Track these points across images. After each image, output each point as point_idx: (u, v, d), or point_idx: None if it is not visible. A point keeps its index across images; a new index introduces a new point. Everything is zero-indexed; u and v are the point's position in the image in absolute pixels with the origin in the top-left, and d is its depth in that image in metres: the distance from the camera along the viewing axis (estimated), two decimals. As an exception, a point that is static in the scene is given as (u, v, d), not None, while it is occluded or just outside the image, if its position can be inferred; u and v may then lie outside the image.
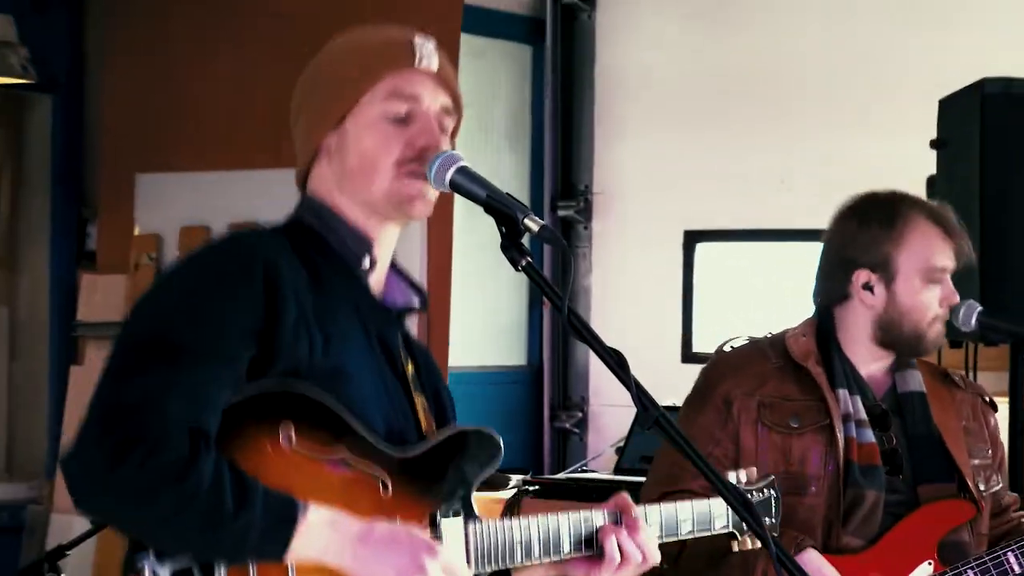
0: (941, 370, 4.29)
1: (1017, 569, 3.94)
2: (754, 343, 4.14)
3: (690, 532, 3.20)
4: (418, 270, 6.53)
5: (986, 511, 4.10)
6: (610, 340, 3.93)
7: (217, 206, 6.56)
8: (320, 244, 2.95)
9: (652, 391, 2.89)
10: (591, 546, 3.03)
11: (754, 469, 3.34)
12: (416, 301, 3.07)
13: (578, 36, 8.03)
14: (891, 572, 3.94)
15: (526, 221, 2.82)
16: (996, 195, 5.01)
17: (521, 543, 2.97)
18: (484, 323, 7.58)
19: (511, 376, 7.85)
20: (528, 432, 7.83)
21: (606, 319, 7.84)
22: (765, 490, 3.34)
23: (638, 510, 3.10)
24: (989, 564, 3.94)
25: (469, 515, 2.96)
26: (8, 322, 7.72)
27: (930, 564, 3.96)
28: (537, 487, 6.38)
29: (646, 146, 7.89)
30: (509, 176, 8.00)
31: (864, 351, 4.02)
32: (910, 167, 5.32)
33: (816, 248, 4.20)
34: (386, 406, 2.94)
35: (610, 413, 7.56)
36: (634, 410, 2.90)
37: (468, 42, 7.22)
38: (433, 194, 2.93)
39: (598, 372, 7.63)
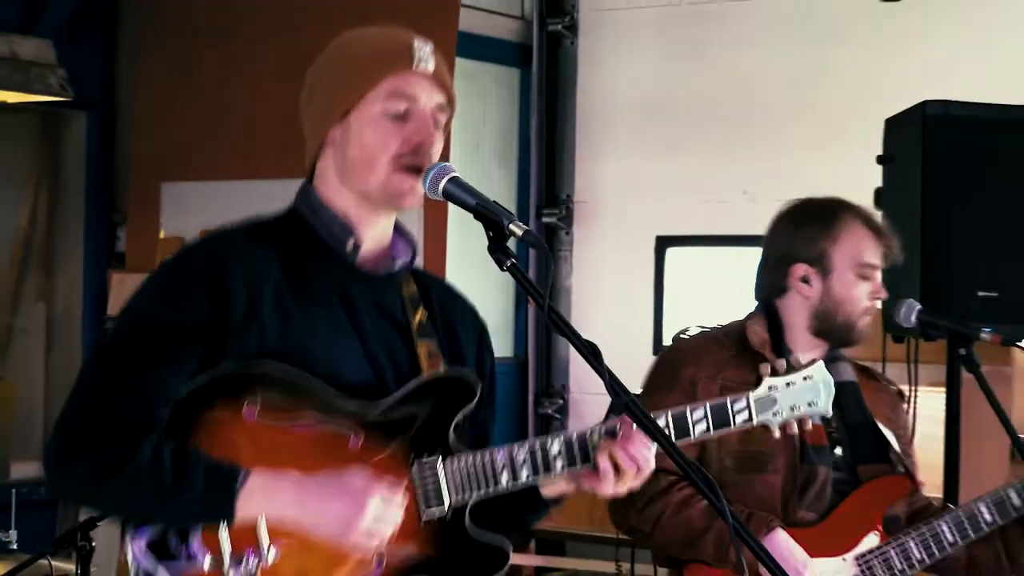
0: (862, 365, 4.27)
1: (950, 537, 3.94)
2: (709, 333, 4.14)
3: (705, 431, 3.04)
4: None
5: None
6: (588, 334, 3.94)
7: (233, 212, 6.37)
8: (305, 231, 2.97)
9: (625, 380, 2.88)
10: (584, 459, 2.95)
11: (783, 361, 3.23)
12: (408, 254, 3.06)
13: (562, 61, 8.04)
14: (843, 543, 3.94)
15: (511, 226, 2.82)
16: (936, 206, 4.99)
17: (507, 466, 2.90)
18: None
19: (499, 368, 7.70)
20: (515, 418, 7.83)
21: (585, 315, 7.84)
22: (806, 375, 3.15)
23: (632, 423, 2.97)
24: (927, 534, 3.94)
25: (447, 454, 2.91)
26: (45, 317, 7.72)
27: (876, 534, 3.95)
28: None
29: (622, 160, 7.89)
30: (499, 186, 8.00)
31: (802, 340, 4.01)
32: (858, 181, 5.24)
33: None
34: (366, 365, 2.93)
35: (589, 400, 7.62)
36: (609, 398, 2.88)
37: (462, 65, 7.20)
38: (421, 190, 2.93)
39: (578, 364, 7.56)
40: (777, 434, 3.13)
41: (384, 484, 2.81)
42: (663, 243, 7.69)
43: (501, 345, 7.87)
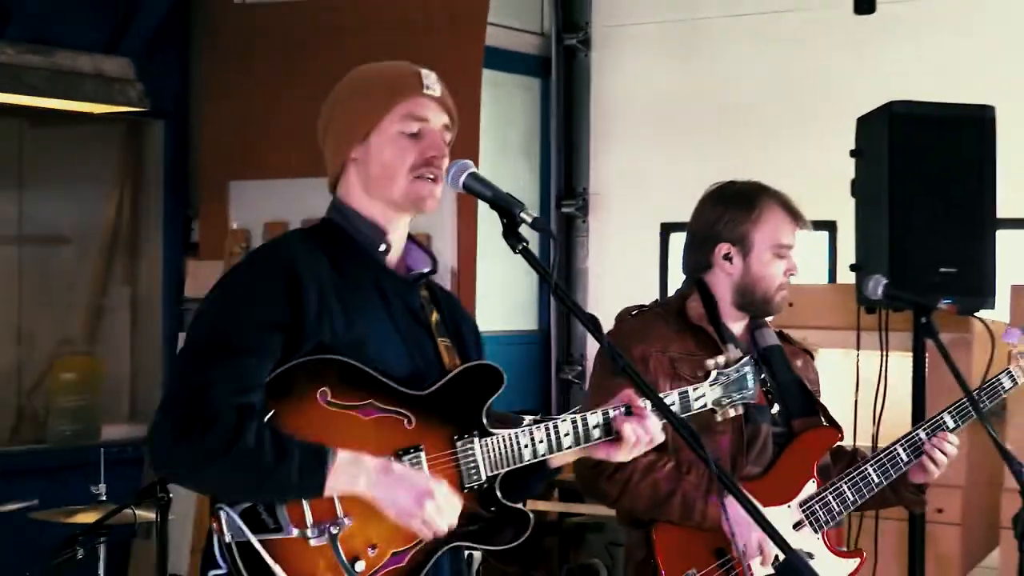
0: (779, 331, 4.16)
1: (876, 479, 3.92)
2: (651, 311, 3.99)
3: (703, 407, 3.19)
4: (449, 255, 6.55)
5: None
6: (603, 309, 3.95)
7: (293, 206, 6.53)
8: (344, 237, 3.00)
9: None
10: (590, 439, 3.02)
11: (732, 353, 3.27)
12: (431, 265, 3.10)
13: (577, 71, 8.03)
14: (787, 492, 3.87)
15: (522, 215, 2.87)
16: (901, 193, 5.01)
17: (527, 443, 2.96)
18: (503, 297, 7.51)
19: (525, 339, 7.82)
20: (538, 383, 7.85)
21: (600, 293, 7.89)
22: (741, 367, 3.25)
23: (643, 402, 3.04)
24: (857, 478, 3.90)
25: (483, 433, 2.95)
26: (130, 298, 7.72)
27: (813, 482, 3.89)
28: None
29: (631, 156, 7.86)
30: (524, 180, 7.99)
31: (727, 312, 3.92)
32: (835, 171, 5.29)
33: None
34: (406, 356, 2.96)
35: (603, 367, 7.60)
36: (619, 364, 2.94)
37: (490, 76, 7.20)
38: (439, 193, 2.98)
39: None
40: (720, 419, 3.22)
41: (448, 489, 2.85)
42: (667, 229, 7.65)
43: (527, 319, 7.89)
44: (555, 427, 3.00)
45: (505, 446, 2.95)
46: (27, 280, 7.79)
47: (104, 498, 5.33)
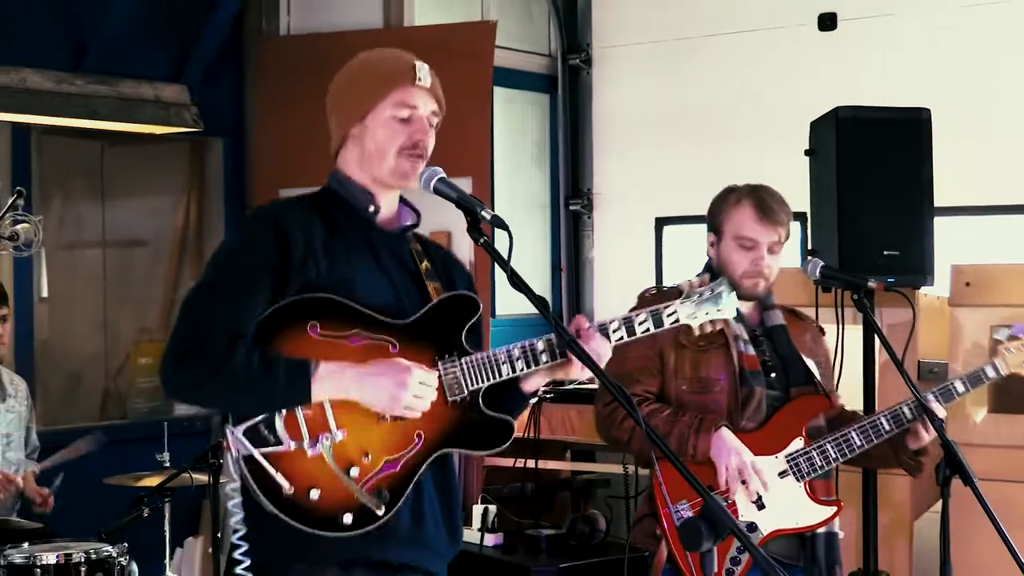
0: (791, 309, 4.24)
1: (858, 442, 3.96)
2: (663, 291, 4.03)
3: (647, 330, 3.08)
4: (468, 249, 6.54)
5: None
6: (606, 294, 3.96)
7: None
8: (339, 200, 3.04)
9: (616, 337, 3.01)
10: (562, 354, 2.97)
11: (706, 277, 3.23)
12: (415, 219, 3.12)
13: (580, 87, 8.02)
14: (776, 445, 3.93)
15: (482, 212, 2.88)
16: (848, 186, 4.98)
17: (506, 360, 2.96)
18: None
19: (537, 323, 7.74)
20: (552, 362, 7.82)
21: (603, 279, 7.89)
22: (716, 287, 3.18)
23: (589, 324, 3.03)
24: (841, 440, 3.95)
25: (463, 353, 2.95)
26: None
27: (800, 439, 3.95)
28: (553, 394, 6.27)
29: (628, 160, 7.86)
30: (536, 183, 8.02)
31: None
32: (805, 169, 5.29)
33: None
34: (392, 294, 2.97)
35: (607, 344, 7.59)
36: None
37: (504, 93, 7.26)
38: (420, 170, 3.00)
39: (600, 315, 7.49)
40: (697, 332, 3.15)
41: (422, 367, 2.86)
42: (661, 222, 7.66)
43: None
44: (531, 346, 2.99)
45: (484, 363, 2.95)
46: (110, 279, 7.78)
47: (167, 464, 5.40)
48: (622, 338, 3.05)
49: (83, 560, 5.00)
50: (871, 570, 4.91)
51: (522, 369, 2.97)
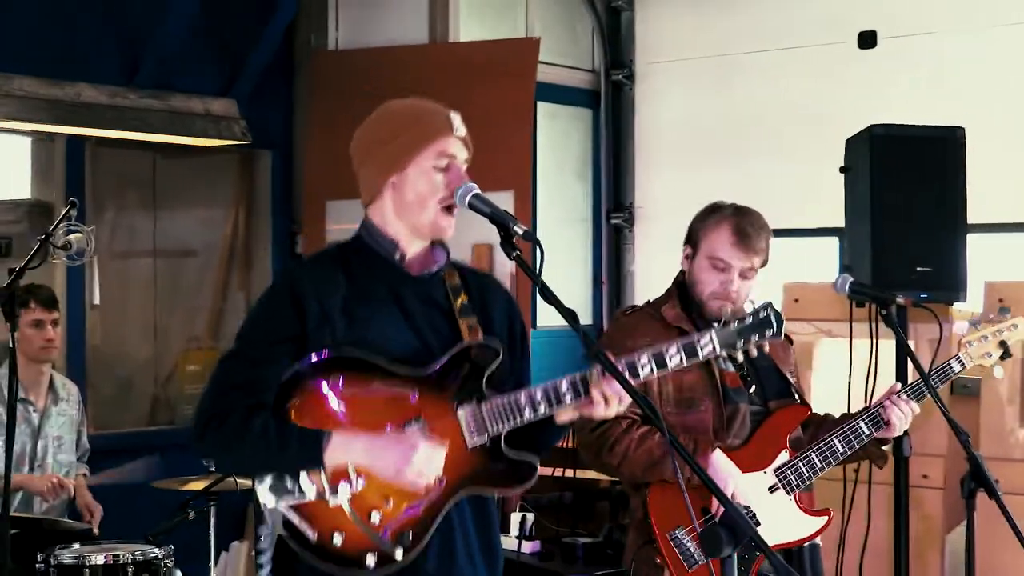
0: None
1: (840, 448, 3.94)
2: (642, 310, 4.05)
3: (679, 364, 3.07)
4: (510, 263, 6.59)
5: None
6: None
7: None
8: (367, 251, 3.08)
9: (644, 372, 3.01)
10: (587, 393, 2.96)
11: (698, 288, 3.22)
12: (444, 260, 3.13)
13: (623, 102, 8.09)
14: (762, 461, 3.90)
15: (515, 227, 2.91)
16: (882, 203, 5.02)
17: (528, 403, 2.97)
18: (562, 295, 7.48)
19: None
20: (592, 370, 7.85)
21: (644, 291, 7.75)
22: (761, 312, 3.15)
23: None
24: (824, 448, 3.93)
25: (482, 398, 2.99)
26: (246, 302, 7.82)
27: (786, 452, 3.92)
28: None
29: (671, 175, 7.91)
30: (579, 197, 8.07)
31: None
32: (837, 184, 5.32)
33: (784, 244, 4.19)
34: (412, 337, 3.01)
35: (646, 356, 7.61)
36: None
37: (547, 108, 7.32)
38: (453, 223, 3.06)
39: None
40: (740, 358, 3.12)
41: (431, 440, 2.91)
42: (702, 238, 7.69)
43: (582, 315, 7.76)
44: (555, 387, 2.99)
45: (505, 408, 2.98)
46: (161, 287, 7.92)
47: (213, 469, 5.39)
48: (651, 371, 3.06)
49: (130, 561, 5.10)
50: (902, 582, 4.95)
51: (545, 411, 3.00)
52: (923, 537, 5.25)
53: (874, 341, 5.03)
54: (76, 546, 5.16)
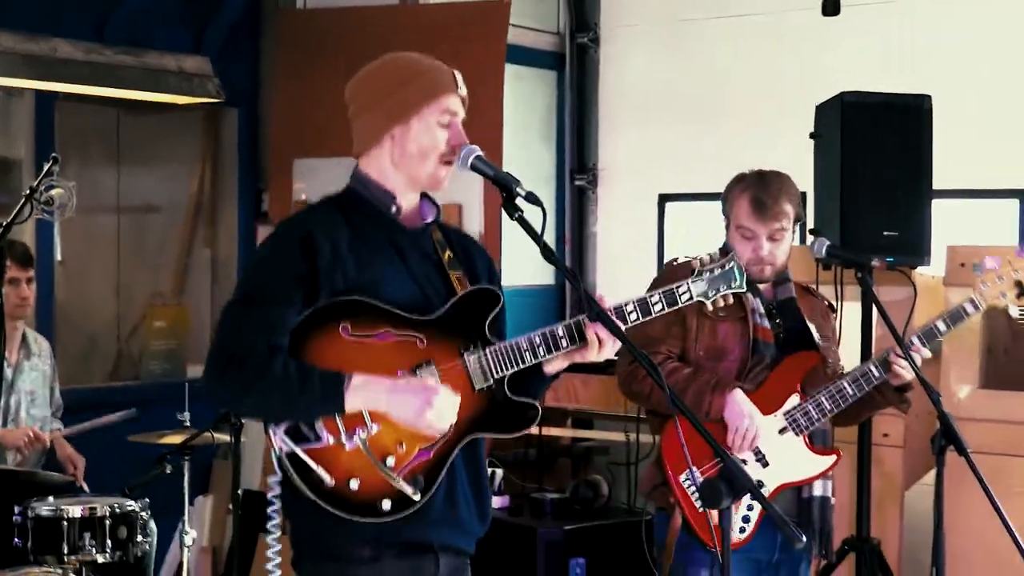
0: (804, 286, 4.39)
1: (851, 391, 4.10)
2: (690, 261, 4.14)
3: (661, 310, 3.15)
4: (478, 222, 6.66)
5: (828, 372, 4.23)
6: (609, 266, 4.05)
7: (347, 179, 6.57)
8: (362, 202, 3.13)
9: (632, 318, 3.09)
10: (581, 339, 3.06)
11: (716, 251, 3.28)
12: (435, 214, 3.19)
13: (588, 64, 8.10)
14: (774, 404, 4.09)
15: (517, 189, 2.98)
16: (851, 169, 5.11)
17: (528, 348, 3.05)
18: (527, 257, 7.48)
19: (545, 291, 7.93)
20: (554, 327, 7.91)
21: (607, 253, 8.01)
22: (726, 263, 3.22)
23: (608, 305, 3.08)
24: (834, 391, 4.09)
25: (486, 343, 3.06)
26: (210, 259, 7.85)
27: (796, 396, 4.10)
28: None
29: (633, 137, 7.96)
30: (543, 158, 8.10)
31: None
32: (805, 150, 5.39)
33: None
34: (417, 290, 3.06)
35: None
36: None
37: (513, 70, 7.28)
38: (450, 175, 3.11)
39: (602, 288, 7.60)
40: (711, 308, 3.24)
41: (449, 387, 2.96)
42: (664, 199, 7.77)
43: (545, 274, 7.92)
44: (552, 332, 3.07)
45: (506, 352, 3.05)
46: (124, 243, 7.92)
47: (188, 424, 5.49)
48: (637, 318, 3.14)
49: (108, 514, 5.14)
50: (863, 536, 5.09)
51: (543, 355, 3.07)
52: (883, 494, 5.38)
53: (839, 303, 5.12)
54: (52, 499, 5.20)
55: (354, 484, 2.94)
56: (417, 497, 2.97)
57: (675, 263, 4.15)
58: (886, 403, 4.24)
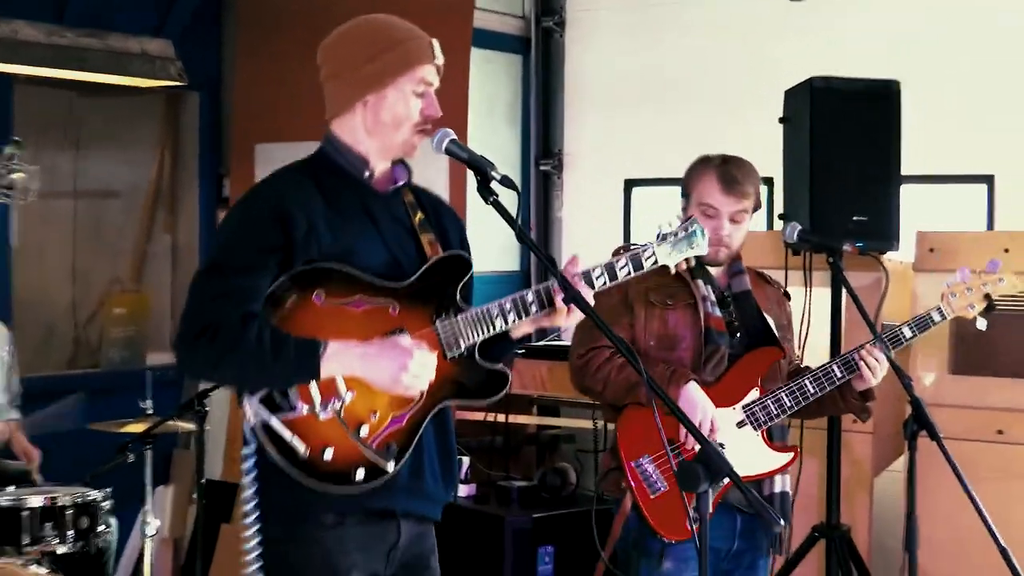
0: (758, 272, 4.36)
1: (811, 389, 4.09)
2: (636, 246, 4.13)
3: (627, 274, 3.22)
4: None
5: (784, 363, 4.24)
6: (574, 252, 4.04)
7: None
8: (335, 167, 3.13)
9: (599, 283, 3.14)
10: (551, 304, 3.12)
11: (677, 217, 3.33)
12: (407, 177, 3.22)
13: (553, 49, 8.10)
14: (733, 397, 4.07)
15: (492, 173, 3.00)
16: (820, 154, 5.14)
17: (499, 314, 3.10)
18: (490, 242, 7.50)
19: (509, 277, 7.91)
20: (519, 316, 7.91)
21: (572, 239, 8.04)
22: (688, 227, 3.27)
23: (578, 270, 3.16)
24: (795, 388, 4.08)
25: (458, 310, 3.09)
26: (171, 244, 7.82)
27: (756, 390, 4.09)
28: (524, 351, 6.42)
29: (599, 122, 7.96)
30: (507, 143, 8.10)
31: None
32: (771, 136, 5.42)
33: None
34: (389, 257, 3.07)
35: (575, 302, 7.68)
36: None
37: (477, 54, 7.27)
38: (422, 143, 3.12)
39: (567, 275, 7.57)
40: (674, 271, 3.27)
41: (423, 347, 2.98)
42: (629, 184, 7.78)
43: (509, 260, 7.95)
44: (521, 298, 3.12)
45: (478, 318, 3.08)
46: (81, 229, 7.89)
47: (151, 412, 5.48)
48: (605, 283, 3.19)
49: (69, 504, 5.14)
50: (833, 523, 5.13)
51: (514, 321, 3.11)
52: (852, 480, 5.42)
53: (808, 289, 5.15)
54: (12, 489, 5.18)
55: (328, 454, 2.96)
56: (391, 467, 3.00)
57: (622, 250, 4.15)
58: (847, 408, 4.24)
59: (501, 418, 6.59)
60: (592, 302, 3.13)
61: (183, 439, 7.24)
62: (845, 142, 5.13)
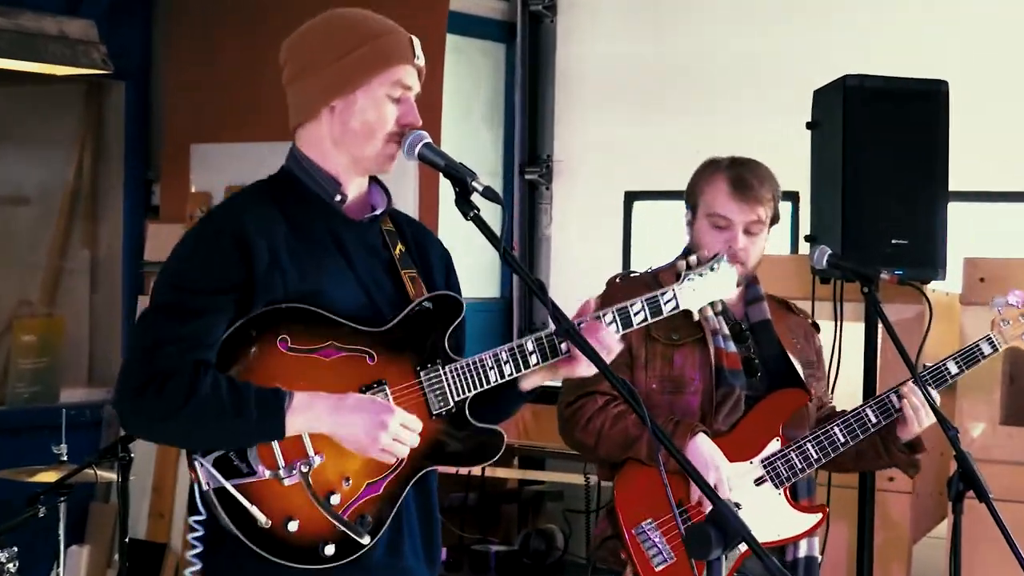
0: (780, 300, 4.36)
1: (841, 438, 4.09)
2: (636, 277, 4.13)
3: (643, 320, 3.23)
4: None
5: (813, 406, 4.23)
6: (565, 278, 4.07)
7: (255, 170, 6.54)
8: (302, 188, 3.11)
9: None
10: (554, 354, 3.12)
11: (704, 252, 3.35)
12: (385, 203, 3.20)
13: (542, 36, 8.05)
14: (750, 449, 4.06)
15: (473, 183, 2.99)
16: (854, 165, 5.14)
17: (494, 365, 3.09)
18: (468, 265, 7.50)
19: (489, 305, 7.91)
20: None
21: (562, 261, 7.96)
22: (715, 264, 3.31)
23: (593, 312, 3.17)
24: (822, 437, 4.07)
25: (447, 360, 3.08)
26: (90, 260, 7.82)
27: (778, 440, 4.07)
28: None
29: (595, 124, 7.91)
30: (487, 147, 8.07)
31: None
32: (797, 143, 5.43)
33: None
34: (363, 297, 3.07)
35: (564, 334, 7.66)
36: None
37: (453, 41, 7.27)
38: (398, 155, 3.11)
39: (558, 301, 7.55)
40: (696, 317, 3.29)
41: (401, 412, 2.97)
42: (631, 197, 7.75)
43: (489, 286, 7.97)
44: (520, 347, 3.12)
45: (469, 371, 3.08)
46: (-15, 241, 7.90)
47: (65, 458, 5.47)
48: (617, 331, 3.20)
49: (-33, 565, 5.13)
50: (865, 597, 5.16)
51: (510, 373, 3.12)
52: (887, 547, 5.43)
53: (839, 323, 5.17)
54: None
55: (293, 526, 2.96)
56: (366, 541, 3.00)
57: (618, 280, 4.15)
58: (891, 461, 4.24)
59: (476, 471, 6.58)
60: (618, 346, 3.15)
61: (102, 491, 7.23)
62: (883, 152, 5.15)
